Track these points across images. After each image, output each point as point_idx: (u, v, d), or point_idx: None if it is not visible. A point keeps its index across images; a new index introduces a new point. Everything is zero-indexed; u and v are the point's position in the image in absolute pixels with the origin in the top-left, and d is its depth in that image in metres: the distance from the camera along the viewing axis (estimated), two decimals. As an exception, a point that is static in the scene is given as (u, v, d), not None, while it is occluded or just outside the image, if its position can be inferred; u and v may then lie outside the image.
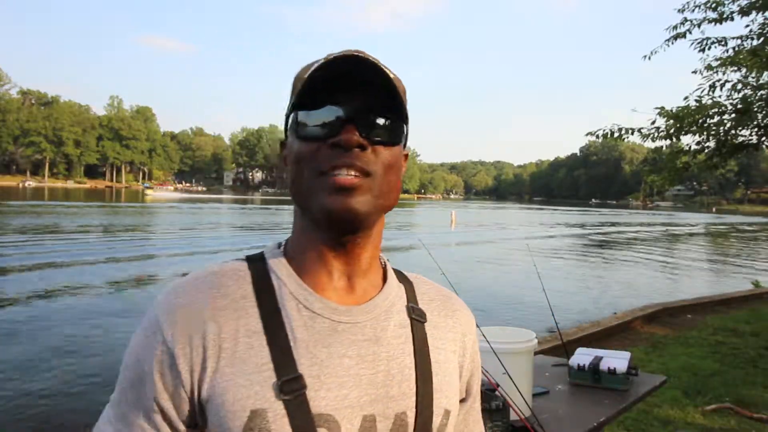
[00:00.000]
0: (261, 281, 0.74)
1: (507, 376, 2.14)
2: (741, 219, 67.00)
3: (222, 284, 0.72)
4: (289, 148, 0.75)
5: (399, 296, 0.81)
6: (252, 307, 0.71)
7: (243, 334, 0.69)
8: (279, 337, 0.70)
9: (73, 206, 38.72)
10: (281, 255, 0.77)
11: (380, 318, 0.76)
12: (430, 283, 0.90)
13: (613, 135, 7.93)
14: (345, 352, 0.71)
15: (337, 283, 0.76)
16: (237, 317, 0.70)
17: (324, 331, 0.71)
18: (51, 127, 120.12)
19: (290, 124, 0.74)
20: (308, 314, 0.72)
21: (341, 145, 0.69)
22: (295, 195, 0.74)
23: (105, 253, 15.33)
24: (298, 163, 0.72)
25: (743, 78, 7.55)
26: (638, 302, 9.85)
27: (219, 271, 0.74)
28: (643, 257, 20.11)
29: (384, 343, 0.75)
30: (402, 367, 0.75)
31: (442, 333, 0.82)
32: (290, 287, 0.74)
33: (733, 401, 4.79)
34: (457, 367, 0.83)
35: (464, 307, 0.89)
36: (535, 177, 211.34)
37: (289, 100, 0.77)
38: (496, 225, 37.74)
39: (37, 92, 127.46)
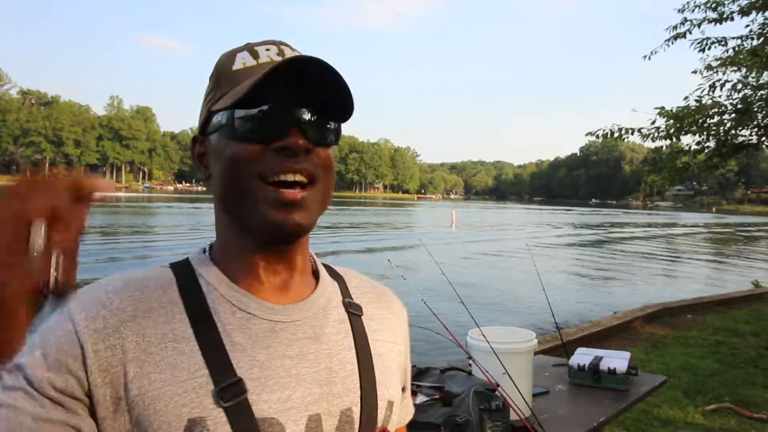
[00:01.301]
0: (188, 286, 0.70)
1: (507, 376, 2.14)
2: (741, 219, 66.98)
3: (146, 288, 0.68)
4: (217, 148, 0.70)
5: (334, 292, 0.79)
6: (180, 312, 0.67)
7: (171, 339, 0.65)
8: (212, 341, 0.66)
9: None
10: (208, 260, 0.74)
11: (318, 315, 0.74)
12: (361, 276, 0.88)
13: (613, 135, 7.94)
14: (285, 352, 0.69)
15: (272, 285, 0.73)
16: (164, 322, 0.66)
17: (262, 332, 0.69)
18: (51, 127, 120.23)
19: (218, 120, 0.69)
20: (243, 316, 0.69)
21: (289, 149, 0.66)
22: (227, 200, 0.70)
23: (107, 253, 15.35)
24: (233, 166, 0.67)
25: (743, 78, 7.56)
26: (638, 302, 9.86)
27: (142, 276, 0.70)
28: (643, 257, 20.11)
29: (324, 340, 0.73)
30: (344, 362, 0.73)
31: (379, 325, 0.81)
32: (221, 291, 0.70)
33: (732, 401, 4.80)
34: (396, 357, 0.82)
35: (396, 299, 0.88)
36: (535, 177, 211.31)
37: (209, 91, 0.73)
38: (497, 225, 37.74)
39: (37, 92, 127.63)
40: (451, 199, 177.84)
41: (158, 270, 0.72)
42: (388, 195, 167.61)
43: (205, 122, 0.72)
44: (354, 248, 18.69)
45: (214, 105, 0.70)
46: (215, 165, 0.70)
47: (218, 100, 0.70)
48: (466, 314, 2.60)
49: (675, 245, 27.15)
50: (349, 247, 18.78)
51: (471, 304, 2.64)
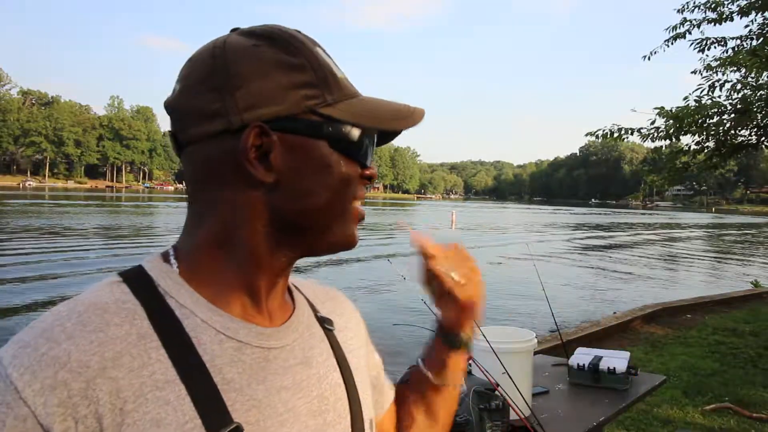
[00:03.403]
0: (159, 312, 0.57)
1: (507, 375, 2.15)
2: (742, 219, 66.96)
3: (109, 323, 0.53)
4: (317, 156, 0.60)
5: (306, 306, 0.72)
6: (156, 349, 0.54)
7: (151, 387, 0.52)
8: (202, 381, 0.55)
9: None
10: (175, 274, 0.60)
11: (305, 336, 0.67)
12: (312, 283, 0.80)
13: (613, 135, 7.94)
14: (281, 383, 0.61)
15: (260, 303, 0.63)
16: (140, 366, 0.53)
17: (256, 363, 0.59)
18: (51, 127, 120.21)
19: (330, 129, 0.60)
20: (234, 345, 0.58)
21: (371, 178, 0.65)
22: (319, 213, 0.61)
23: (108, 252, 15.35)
24: (344, 182, 0.62)
25: (743, 78, 7.56)
26: (638, 302, 9.86)
27: (96, 305, 0.55)
28: (643, 257, 20.11)
29: (314, 363, 0.66)
30: (333, 386, 0.67)
31: (347, 333, 0.76)
32: (201, 315, 0.58)
33: (732, 401, 4.80)
34: (366, 363, 0.77)
35: (348, 300, 0.83)
36: (535, 177, 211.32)
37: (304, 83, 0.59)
38: (497, 226, 37.74)
39: (37, 92, 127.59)
40: (450, 198, 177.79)
41: (113, 291, 0.57)
42: (387, 195, 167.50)
43: (283, 115, 0.59)
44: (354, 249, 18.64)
45: (323, 106, 0.60)
46: (308, 175, 0.60)
47: (330, 104, 0.60)
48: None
49: (675, 245, 27.14)
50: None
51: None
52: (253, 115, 0.57)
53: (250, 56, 0.58)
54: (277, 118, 0.58)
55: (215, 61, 0.59)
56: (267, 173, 0.58)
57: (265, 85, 0.58)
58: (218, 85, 0.58)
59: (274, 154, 0.58)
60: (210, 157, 0.59)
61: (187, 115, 0.60)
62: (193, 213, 0.62)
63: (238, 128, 0.57)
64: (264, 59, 0.58)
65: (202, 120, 0.59)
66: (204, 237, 0.61)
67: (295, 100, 0.58)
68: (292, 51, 0.59)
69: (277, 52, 0.59)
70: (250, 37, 0.60)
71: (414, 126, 0.64)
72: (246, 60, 0.58)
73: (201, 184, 0.61)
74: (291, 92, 0.58)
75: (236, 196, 0.59)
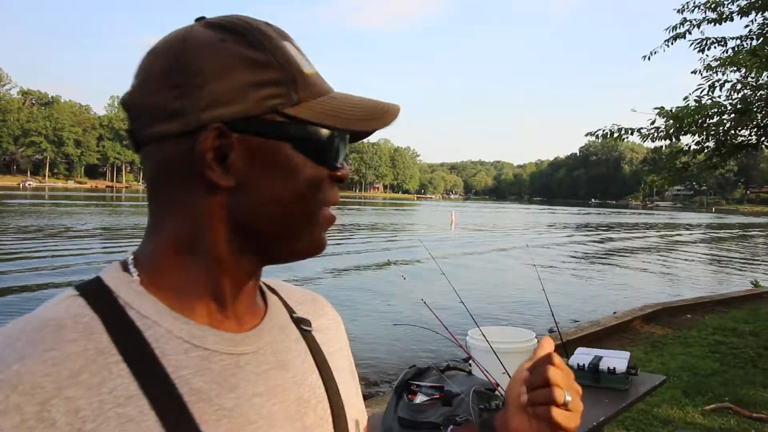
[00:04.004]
0: (119, 326, 0.53)
1: (507, 375, 2.15)
2: (742, 219, 66.97)
3: (63, 340, 0.50)
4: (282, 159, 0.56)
5: (281, 308, 0.69)
6: (116, 363, 0.51)
7: (113, 404, 0.49)
8: (166, 394, 0.52)
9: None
10: (136, 283, 0.57)
11: (278, 338, 0.64)
12: (289, 285, 0.77)
13: (613, 135, 7.95)
14: (254, 390, 0.58)
15: (234, 304, 0.60)
16: (99, 383, 0.50)
17: (226, 370, 0.56)
18: (51, 127, 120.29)
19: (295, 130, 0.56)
20: (200, 354, 0.55)
21: (342, 180, 0.62)
22: (284, 220, 0.58)
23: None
24: (310, 187, 0.58)
25: (743, 78, 7.57)
26: (638, 302, 9.87)
27: (50, 322, 0.52)
28: (643, 257, 20.11)
29: (290, 366, 0.63)
30: (313, 388, 0.64)
31: (326, 335, 0.73)
32: (165, 325, 0.55)
33: (732, 401, 4.80)
34: (348, 366, 0.75)
35: (328, 303, 0.80)
36: (535, 177, 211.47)
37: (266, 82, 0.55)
38: (497, 226, 37.75)
39: (37, 92, 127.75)
40: (450, 199, 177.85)
41: (69, 306, 0.54)
42: (387, 195, 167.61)
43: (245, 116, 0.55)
44: (354, 251, 18.67)
45: (287, 106, 0.56)
46: (270, 179, 0.56)
47: (296, 104, 0.56)
48: (466, 314, 2.60)
49: (675, 245, 27.15)
50: (350, 250, 18.77)
51: (471, 304, 2.65)
52: (211, 115, 0.54)
53: (212, 52, 0.55)
54: (237, 118, 0.54)
55: (175, 57, 0.55)
56: (226, 177, 0.55)
57: (227, 83, 0.54)
58: (177, 83, 0.54)
59: (234, 157, 0.55)
60: (167, 158, 0.56)
61: (144, 113, 0.56)
62: (153, 217, 0.59)
63: (197, 129, 0.54)
64: (227, 55, 0.55)
65: (159, 119, 0.55)
66: (164, 243, 0.58)
67: (257, 100, 0.55)
68: (257, 46, 0.56)
69: (241, 47, 0.55)
70: (215, 29, 0.56)
71: (385, 126, 0.60)
72: (208, 56, 0.54)
73: (159, 187, 0.58)
74: (253, 91, 0.54)
75: (195, 201, 0.56)
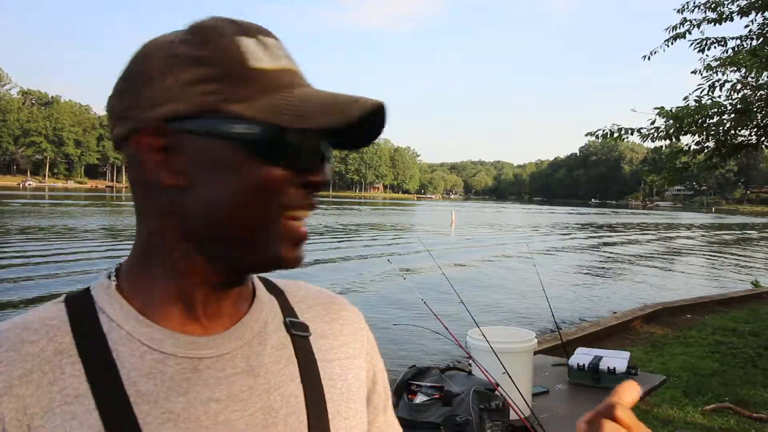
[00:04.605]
0: (84, 327, 0.56)
1: (507, 375, 2.15)
2: (742, 219, 66.97)
3: (23, 341, 0.54)
4: (222, 159, 0.54)
5: (272, 311, 0.66)
6: (72, 364, 0.54)
7: (60, 402, 0.52)
8: (112, 394, 0.53)
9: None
10: (113, 289, 0.59)
11: (253, 343, 0.61)
12: (307, 286, 0.74)
13: (613, 135, 7.94)
14: (211, 395, 0.56)
15: (205, 309, 0.59)
16: (50, 381, 0.53)
17: (179, 374, 0.56)
18: (51, 127, 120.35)
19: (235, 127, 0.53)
20: (156, 357, 0.56)
21: (317, 185, 0.57)
22: (228, 226, 0.55)
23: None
24: (259, 191, 0.54)
25: (743, 78, 7.56)
26: (638, 302, 9.87)
27: (19, 324, 0.56)
28: (643, 257, 20.11)
29: (261, 372, 0.60)
30: (286, 397, 0.61)
31: (331, 341, 0.69)
32: (127, 328, 0.56)
33: (732, 401, 4.80)
34: (356, 375, 0.70)
35: (349, 306, 0.75)
36: (535, 177, 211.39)
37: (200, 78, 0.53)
38: (497, 226, 37.75)
39: (37, 92, 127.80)
40: (450, 199, 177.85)
41: (47, 309, 0.58)
42: (387, 195, 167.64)
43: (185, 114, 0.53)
44: (354, 251, 18.66)
45: (231, 103, 0.53)
46: (213, 179, 0.54)
47: (240, 100, 0.53)
48: (466, 314, 2.60)
49: (675, 245, 27.14)
50: (351, 251, 18.76)
51: (471, 304, 2.65)
52: (152, 114, 0.53)
53: (161, 53, 0.55)
54: (177, 116, 0.53)
55: (130, 62, 0.57)
56: (170, 176, 0.54)
57: (168, 82, 0.53)
58: (128, 85, 0.56)
59: (179, 156, 0.54)
60: (129, 160, 0.57)
61: (109, 117, 0.58)
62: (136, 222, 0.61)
63: (141, 129, 0.54)
64: (171, 55, 0.54)
65: (117, 122, 0.56)
66: (136, 247, 0.60)
67: (195, 97, 0.53)
68: (202, 43, 0.54)
69: (188, 46, 0.54)
70: (179, 32, 0.57)
71: (348, 120, 0.52)
72: (156, 57, 0.55)
73: (132, 189, 0.59)
74: (192, 88, 0.53)
75: (148, 202, 0.57)
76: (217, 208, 0.54)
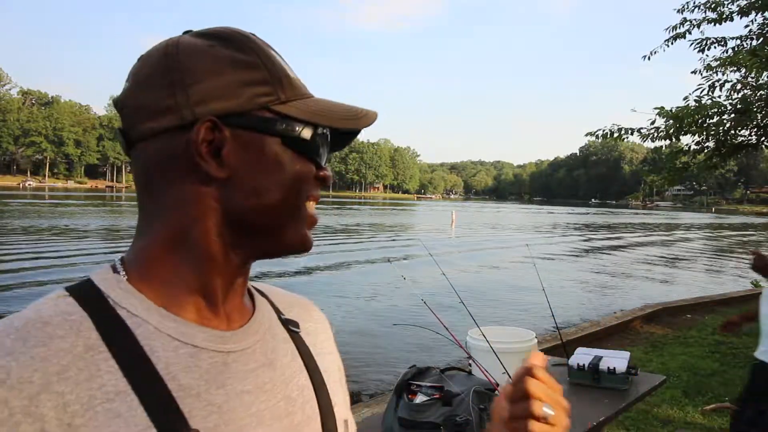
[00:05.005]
0: (108, 323, 0.55)
1: (507, 375, 2.15)
2: (742, 219, 66.97)
3: (52, 336, 0.52)
4: (271, 154, 0.60)
5: (269, 309, 0.71)
6: (105, 360, 0.52)
7: (102, 400, 0.50)
8: (155, 390, 0.53)
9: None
10: (124, 282, 0.58)
11: (267, 338, 0.66)
12: (280, 290, 0.79)
13: (613, 135, 7.94)
14: (242, 387, 0.59)
15: (224, 302, 0.62)
16: (87, 378, 0.51)
17: (214, 367, 0.58)
18: (51, 127, 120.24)
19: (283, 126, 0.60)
20: (189, 351, 0.57)
21: (325, 180, 0.65)
22: (266, 211, 0.60)
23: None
24: (297, 181, 0.61)
25: (743, 78, 7.56)
26: (638, 302, 9.87)
27: (40, 319, 0.53)
28: (643, 257, 20.11)
29: (278, 365, 0.64)
30: (301, 388, 0.66)
31: (314, 338, 0.74)
32: (154, 322, 0.56)
33: (732, 401, 4.80)
34: (337, 370, 0.76)
35: (317, 308, 0.82)
36: (535, 177, 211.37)
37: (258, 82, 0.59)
38: (497, 226, 37.75)
39: (37, 92, 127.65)
40: (450, 199, 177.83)
41: (57, 304, 0.55)
42: (387, 195, 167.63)
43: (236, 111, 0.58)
44: (354, 250, 18.67)
45: (276, 104, 0.60)
46: (260, 171, 0.59)
47: (283, 102, 0.60)
48: (466, 314, 2.61)
49: (675, 245, 27.14)
50: (351, 250, 18.75)
51: (471, 304, 2.65)
52: (205, 109, 0.57)
53: (203, 54, 0.58)
54: (229, 113, 0.58)
55: (168, 59, 0.58)
56: (219, 169, 0.58)
57: (219, 81, 0.58)
58: (171, 81, 0.57)
59: (227, 150, 0.58)
60: (161, 153, 0.58)
61: (138, 111, 0.59)
62: (143, 216, 0.61)
63: (190, 123, 0.57)
64: (217, 57, 0.58)
65: (154, 115, 0.58)
66: (154, 240, 0.59)
67: (248, 97, 0.58)
68: (245, 50, 0.60)
69: (230, 50, 0.59)
70: (203, 37, 0.60)
71: (365, 126, 0.64)
72: (199, 57, 0.58)
73: (151, 184, 0.60)
74: (244, 89, 0.58)
75: (187, 193, 0.58)
76: (260, 196, 0.60)
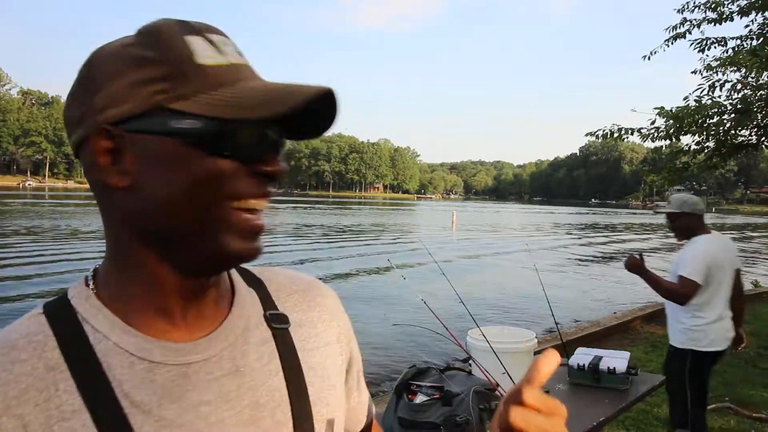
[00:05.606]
0: (71, 341, 0.56)
1: (507, 375, 2.15)
2: (742, 219, 66.95)
3: (13, 360, 0.54)
4: (171, 156, 0.54)
5: (253, 306, 0.67)
6: (65, 379, 0.54)
7: (58, 419, 0.53)
8: (107, 407, 0.54)
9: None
10: (93, 298, 0.59)
11: (237, 343, 0.63)
12: (285, 273, 0.75)
13: (613, 135, 7.94)
14: (201, 398, 0.58)
15: (184, 315, 0.60)
16: (46, 399, 0.53)
17: (170, 382, 0.57)
18: (51, 127, 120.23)
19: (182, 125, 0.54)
20: (145, 366, 0.57)
21: (271, 175, 0.57)
22: (174, 221, 0.55)
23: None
24: (202, 184, 0.54)
25: (743, 78, 7.56)
26: (638, 302, 9.87)
27: (7, 343, 0.55)
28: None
29: (246, 371, 0.62)
30: (271, 391, 0.63)
31: (310, 329, 0.71)
32: (114, 339, 0.57)
33: (732, 401, 4.80)
34: (334, 361, 0.72)
35: (327, 291, 0.77)
36: (535, 177, 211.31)
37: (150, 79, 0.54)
38: (498, 226, 37.75)
39: (37, 92, 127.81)
40: (450, 199, 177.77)
41: (29, 325, 0.57)
42: (387, 195, 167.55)
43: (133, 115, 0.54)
44: (354, 251, 18.66)
45: (174, 101, 0.54)
46: (160, 176, 0.55)
47: (183, 97, 0.54)
48: (466, 314, 2.60)
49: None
50: (350, 252, 18.76)
51: (471, 304, 2.65)
52: (103, 117, 0.55)
53: (113, 57, 0.56)
54: (125, 118, 0.54)
55: (85, 68, 0.58)
56: (120, 178, 0.55)
57: (118, 84, 0.55)
58: (82, 91, 0.57)
59: (127, 157, 0.55)
60: (85, 166, 0.58)
61: (66, 124, 0.59)
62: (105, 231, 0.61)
63: (95, 133, 0.55)
64: (121, 58, 0.56)
65: (73, 128, 0.57)
66: (108, 258, 0.60)
67: (143, 97, 0.54)
68: (150, 45, 0.56)
69: (138, 48, 0.56)
70: (129, 36, 0.58)
71: (290, 109, 0.53)
72: (107, 61, 0.56)
73: (96, 198, 0.59)
74: (140, 89, 0.54)
75: (106, 207, 0.58)
76: (168, 203, 0.55)
